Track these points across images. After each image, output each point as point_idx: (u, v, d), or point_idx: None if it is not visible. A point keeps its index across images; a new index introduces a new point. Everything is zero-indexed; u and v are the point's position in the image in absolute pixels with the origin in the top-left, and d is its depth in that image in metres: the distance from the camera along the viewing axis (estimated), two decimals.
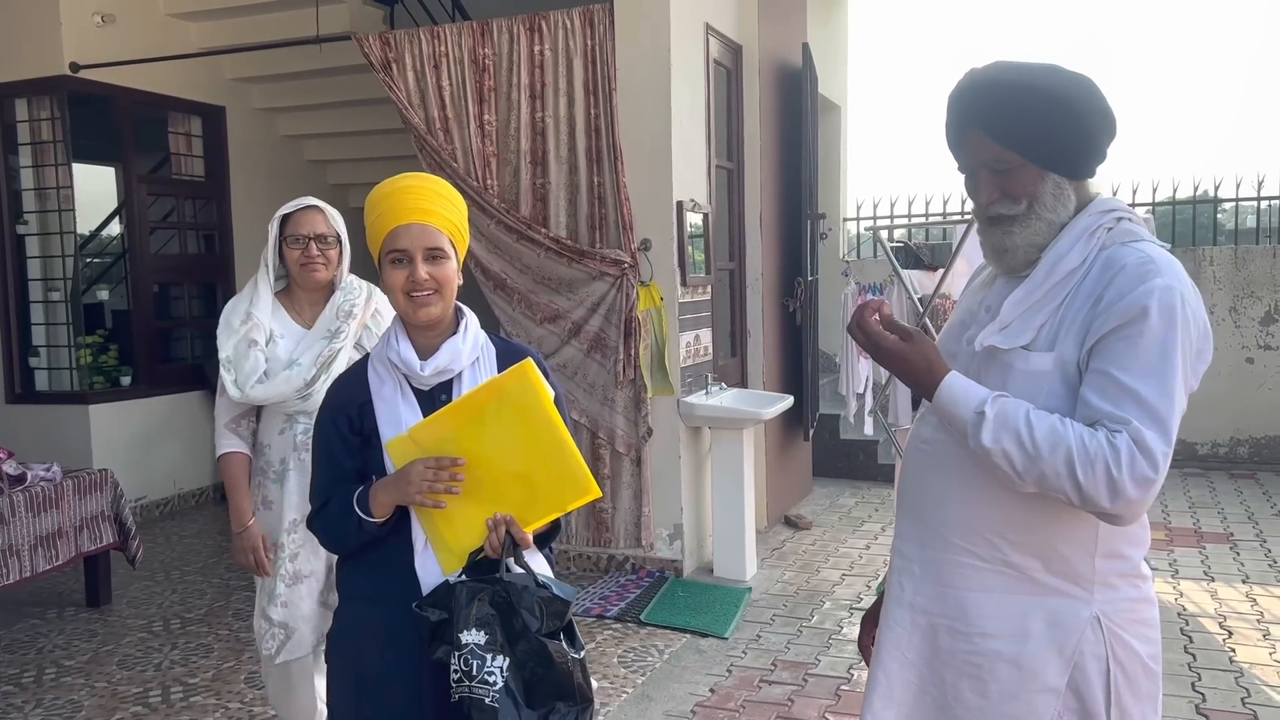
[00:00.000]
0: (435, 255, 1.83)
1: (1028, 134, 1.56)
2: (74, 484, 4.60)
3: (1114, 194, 8.12)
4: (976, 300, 1.74)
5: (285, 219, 2.75)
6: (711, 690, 3.81)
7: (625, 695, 3.77)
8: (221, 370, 2.71)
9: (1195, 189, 7.75)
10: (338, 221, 2.79)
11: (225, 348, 2.71)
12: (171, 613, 4.80)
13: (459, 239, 1.89)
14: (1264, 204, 7.72)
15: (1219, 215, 7.86)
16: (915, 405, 4.92)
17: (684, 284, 5.06)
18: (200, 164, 7.29)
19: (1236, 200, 7.72)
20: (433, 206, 1.84)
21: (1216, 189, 7.65)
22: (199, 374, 7.08)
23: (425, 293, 1.81)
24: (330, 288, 2.81)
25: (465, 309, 1.95)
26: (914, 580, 1.71)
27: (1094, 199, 1.63)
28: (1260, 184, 7.61)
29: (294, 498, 2.73)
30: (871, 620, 1.96)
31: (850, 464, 7.38)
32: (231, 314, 2.76)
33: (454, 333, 1.89)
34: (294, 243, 2.72)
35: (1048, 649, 1.60)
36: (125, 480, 5.08)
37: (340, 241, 2.78)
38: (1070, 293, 1.56)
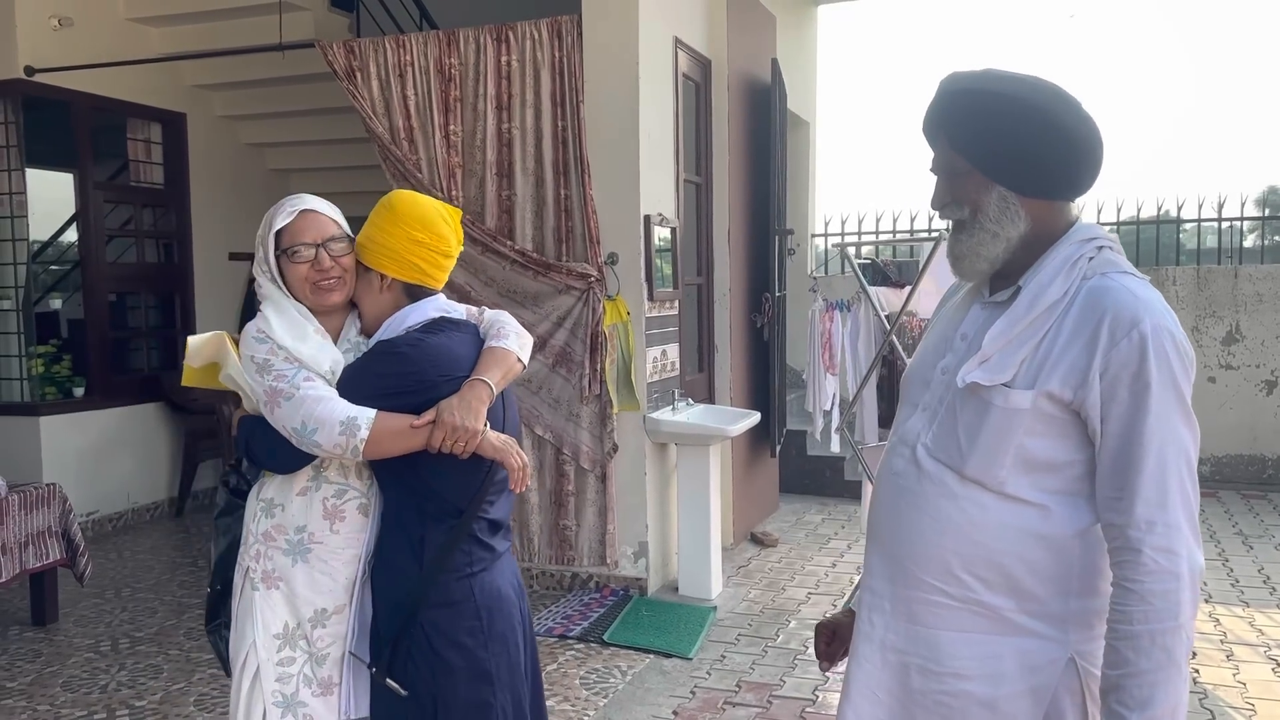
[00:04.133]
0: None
1: (976, 139, 1.53)
2: (20, 499, 4.45)
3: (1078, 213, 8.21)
4: (951, 326, 1.68)
5: (280, 232, 2.07)
6: (675, 713, 3.73)
7: (587, 718, 3.69)
8: (292, 376, 1.97)
9: (1159, 208, 7.82)
10: (342, 220, 2.15)
11: (301, 347, 2.02)
12: (120, 632, 4.66)
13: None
14: (1225, 225, 7.81)
15: (1180, 235, 7.93)
16: (882, 424, 4.89)
17: (651, 299, 5.01)
18: (159, 171, 7.15)
19: (1199, 221, 7.80)
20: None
21: (1180, 209, 7.74)
22: (155, 385, 6.93)
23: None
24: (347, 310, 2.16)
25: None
26: (884, 617, 1.65)
27: (1074, 225, 1.58)
28: (1221, 205, 7.70)
29: (323, 580, 2.06)
30: (827, 629, 1.90)
31: (817, 480, 7.35)
32: (282, 329, 2.03)
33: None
34: (297, 255, 2.04)
35: (1021, 691, 1.55)
36: (77, 494, 4.94)
37: (353, 245, 2.11)
38: (1053, 326, 1.51)
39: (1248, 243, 8.03)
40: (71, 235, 7.10)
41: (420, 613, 1.98)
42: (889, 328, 4.66)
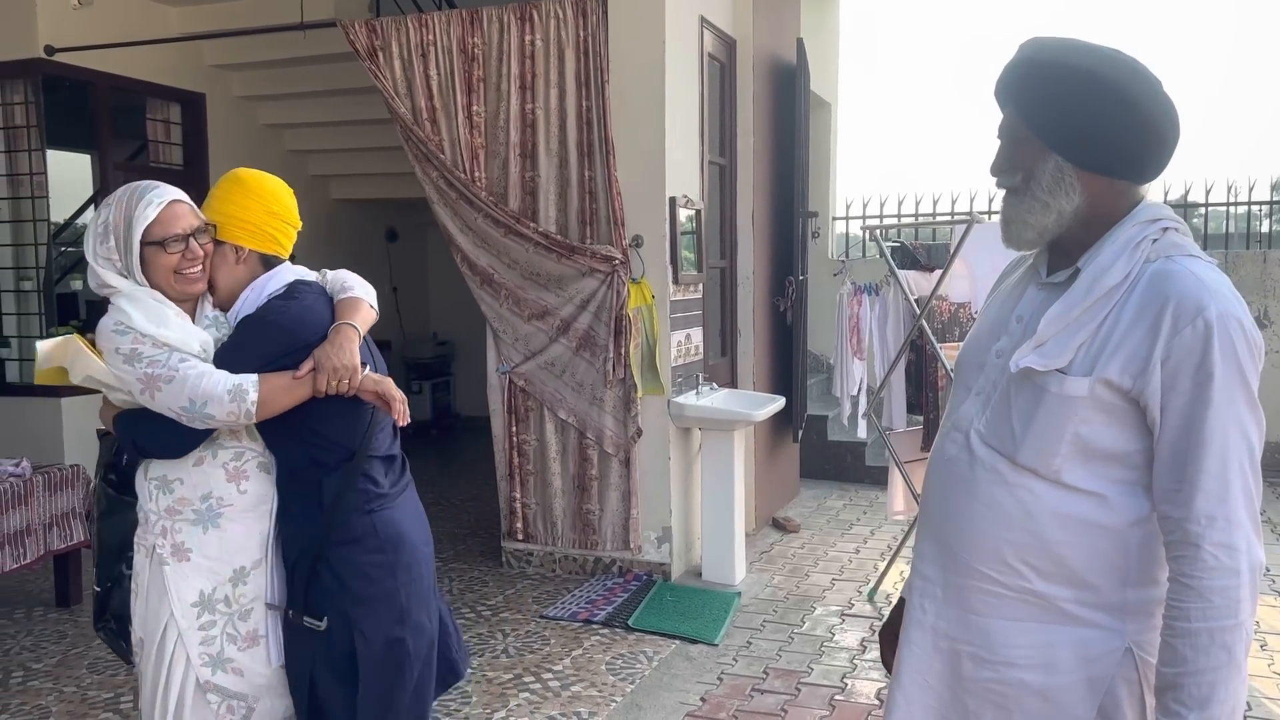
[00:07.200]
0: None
1: (1039, 107, 1.49)
2: (44, 480, 4.44)
3: None
4: (1007, 308, 1.63)
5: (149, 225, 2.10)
6: (703, 699, 3.71)
7: (615, 704, 3.66)
8: (169, 359, 2.01)
9: (1186, 191, 7.71)
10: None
11: (165, 332, 2.04)
12: None
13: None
14: (1245, 209, 7.71)
15: (1198, 220, 7.81)
16: (910, 409, 4.84)
17: (676, 282, 4.96)
18: (179, 152, 7.12)
19: (1228, 205, 7.69)
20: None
21: (1208, 193, 7.62)
22: None
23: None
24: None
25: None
26: (936, 604, 1.62)
27: (1139, 205, 1.53)
28: (1252, 188, 7.59)
29: (237, 539, 2.15)
30: (890, 635, 1.86)
31: (838, 466, 7.30)
32: (142, 318, 2.05)
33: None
34: (174, 245, 2.06)
35: (1077, 681, 1.51)
36: None
37: (212, 231, 2.16)
38: (1113, 310, 1.45)
39: (1264, 227, 7.94)
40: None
41: (326, 551, 2.11)
42: (918, 312, 4.60)
